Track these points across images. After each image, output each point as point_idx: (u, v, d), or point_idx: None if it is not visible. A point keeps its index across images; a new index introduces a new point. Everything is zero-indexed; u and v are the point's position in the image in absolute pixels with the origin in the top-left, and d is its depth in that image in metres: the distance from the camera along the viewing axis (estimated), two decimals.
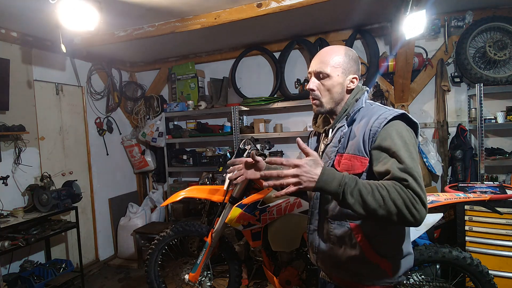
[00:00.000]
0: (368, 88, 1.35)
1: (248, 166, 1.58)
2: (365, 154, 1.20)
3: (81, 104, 3.98)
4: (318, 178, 1.05)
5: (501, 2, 3.11)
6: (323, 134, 1.42)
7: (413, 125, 1.23)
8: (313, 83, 1.30)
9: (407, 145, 1.13)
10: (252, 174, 1.57)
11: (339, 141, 1.28)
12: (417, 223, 1.03)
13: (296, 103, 3.71)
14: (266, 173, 1.10)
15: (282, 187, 1.11)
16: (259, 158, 1.54)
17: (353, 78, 1.29)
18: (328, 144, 1.32)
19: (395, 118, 1.18)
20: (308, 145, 1.49)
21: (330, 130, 1.35)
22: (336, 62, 1.27)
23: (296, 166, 1.06)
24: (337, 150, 1.28)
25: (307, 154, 1.11)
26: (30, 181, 3.28)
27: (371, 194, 1.03)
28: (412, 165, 1.08)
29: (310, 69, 1.33)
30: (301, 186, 1.05)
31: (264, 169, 1.55)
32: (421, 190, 1.05)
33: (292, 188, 1.06)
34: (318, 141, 1.47)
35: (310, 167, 1.06)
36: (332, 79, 1.27)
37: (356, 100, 1.30)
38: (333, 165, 1.28)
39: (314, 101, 1.33)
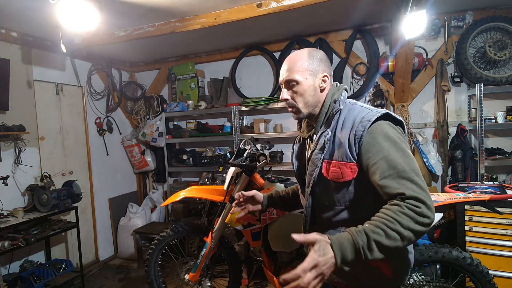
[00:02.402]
0: (346, 86, 1.34)
1: (247, 200, 1.65)
2: (353, 159, 1.17)
3: (81, 104, 3.98)
4: (335, 257, 0.97)
5: (501, 2, 3.11)
6: (309, 140, 1.39)
7: (398, 124, 1.21)
8: (285, 93, 1.31)
9: (397, 143, 1.12)
10: (253, 206, 1.65)
11: (323, 147, 1.25)
12: (430, 225, 1.02)
13: None
14: (286, 277, 0.96)
15: None
16: (252, 193, 1.61)
17: (323, 77, 1.28)
18: (313, 151, 1.30)
19: (378, 118, 1.17)
20: (292, 152, 1.50)
21: (314, 135, 1.33)
22: (302, 67, 1.26)
23: (313, 267, 0.96)
24: (323, 156, 1.25)
25: (310, 243, 1.01)
26: (30, 181, 3.28)
27: (386, 236, 0.99)
28: (405, 164, 1.07)
29: (280, 80, 1.33)
30: (326, 277, 0.98)
31: (263, 199, 1.64)
32: (421, 189, 1.03)
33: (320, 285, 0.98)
34: (303, 147, 1.44)
35: (323, 255, 0.97)
36: (301, 84, 1.26)
37: (335, 101, 1.28)
38: (320, 173, 1.25)
39: (290, 109, 1.33)
